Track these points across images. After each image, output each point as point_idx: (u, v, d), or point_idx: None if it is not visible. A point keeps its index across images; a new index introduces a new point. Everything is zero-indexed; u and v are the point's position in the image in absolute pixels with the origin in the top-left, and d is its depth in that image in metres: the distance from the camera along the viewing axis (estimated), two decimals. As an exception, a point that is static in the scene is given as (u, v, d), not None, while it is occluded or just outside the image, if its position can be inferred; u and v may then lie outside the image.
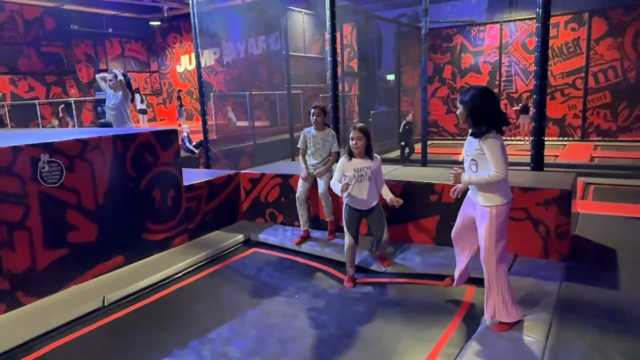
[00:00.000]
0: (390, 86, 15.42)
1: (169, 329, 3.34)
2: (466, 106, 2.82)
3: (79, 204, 3.87)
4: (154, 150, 4.47)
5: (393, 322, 3.30)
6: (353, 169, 3.80)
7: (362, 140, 3.77)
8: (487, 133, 2.75)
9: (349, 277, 3.97)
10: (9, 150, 3.43)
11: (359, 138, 3.77)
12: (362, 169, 3.79)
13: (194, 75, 19.43)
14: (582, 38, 13.25)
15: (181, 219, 4.80)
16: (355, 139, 3.77)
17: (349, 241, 3.90)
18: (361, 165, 3.80)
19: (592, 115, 13.54)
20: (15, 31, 16.39)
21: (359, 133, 3.78)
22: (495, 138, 2.75)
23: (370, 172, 3.83)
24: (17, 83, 16.48)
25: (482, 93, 2.79)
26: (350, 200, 3.89)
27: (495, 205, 2.81)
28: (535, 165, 5.13)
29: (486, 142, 2.75)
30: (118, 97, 6.44)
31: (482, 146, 2.77)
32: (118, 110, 6.46)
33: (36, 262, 3.60)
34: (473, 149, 2.84)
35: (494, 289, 2.87)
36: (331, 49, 6.64)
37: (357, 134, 3.78)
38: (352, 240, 3.90)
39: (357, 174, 3.79)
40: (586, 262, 3.84)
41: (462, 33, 15.03)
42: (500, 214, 2.82)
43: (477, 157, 2.84)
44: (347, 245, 3.92)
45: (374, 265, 4.22)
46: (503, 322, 2.89)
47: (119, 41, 19.48)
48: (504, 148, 2.78)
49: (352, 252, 3.93)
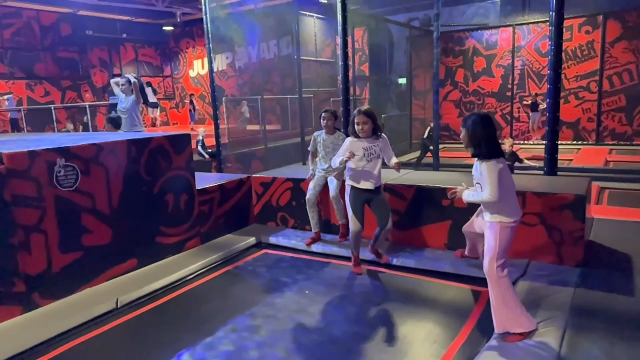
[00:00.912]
0: (401, 90, 15.39)
1: (182, 328, 3.38)
2: (468, 130, 2.95)
3: (94, 208, 3.93)
4: (167, 154, 4.51)
5: (406, 323, 3.30)
6: (362, 147, 3.78)
7: (368, 124, 3.74)
8: (487, 157, 2.87)
9: (355, 260, 3.92)
10: (26, 155, 3.49)
11: (364, 122, 3.73)
12: (370, 147, 3.78)
13: (206, 79, 19.61)
14: (597, 41, 13.10)
15: (194, 222, 4.84)
16: (361, 123, 3.73)
17: (356, 226, 3.84)
18: (369, 144, 3.79)
19: (607, 118, 13.37)
20: (32, 37, 16.71)
21: (364, 117, 3.74)
22: (493, 162, 2.85)
23: (379, 149, 3.82)
24: (33, 88, 16.79)
25: (482, 119, 2.94)
26: (357, 180, 3.82)
27: (499, 222, 2.90)
28: (548, 169, 5.08)
29: (483, 165, 2.88)
30: (129, 101, 6.54)
31: (481, 169, 2.89)
32: (129, 114, 6.55)
33: (52, 264, 3.66)
34: (477, 173, 2.96)
35: (499, 299, 2.88)
36: (342, 53, 6.67)
37: (363, 118, 3.74)
38: (359, 225, 3.84)
39: (366, 152, 3.77)
40: (601, 268, 3.79)
41: (475, 36, 14.96)
42: (502, 230, 2.89)
43: (480, 180, 2.93)
44: (354, 231, 3.84)
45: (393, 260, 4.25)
46: (516, 332, 2.88)
47: (132, 46, 19.75)
48: (502, 172, 2.86)
49: (359, 238, 3.88)
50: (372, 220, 4.18)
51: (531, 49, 14.09)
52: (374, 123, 3.80)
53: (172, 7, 16.93)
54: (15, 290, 3.45)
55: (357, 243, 3.98)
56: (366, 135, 3.78)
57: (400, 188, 4.56)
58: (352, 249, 4.05)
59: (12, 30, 16.14)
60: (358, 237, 3.91)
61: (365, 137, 3.79)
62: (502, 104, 14.74)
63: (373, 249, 4.15)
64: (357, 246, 4.02)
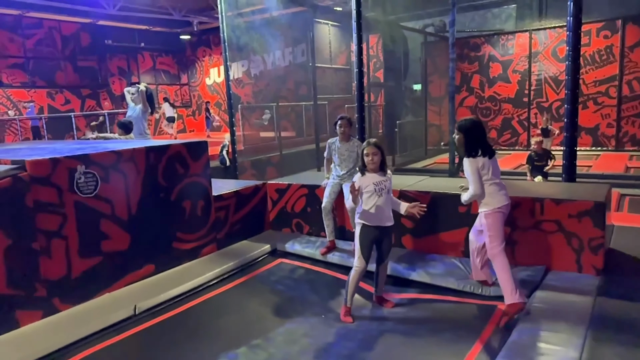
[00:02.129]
0: (416, 96, 15.35)
1: (198, 340, 3.40)
2: (465, 134, 3.53)
3: (113, 214, 3.99)
4: (184, 161, 4.57)
5: (420, 339, 3.27)
6: (372, 183, 3.64)
7: (377, 155, 3.63)
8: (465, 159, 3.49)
9: (347, 311, 3.68)
10: (48, 162, 3.57)
11: (374, 153, 3.63)
12: (381, 182, 3.65)
13: (222, 87, 19.81)
14: (616, 45, 12.90)
15: (210, 228, 4.88)
16: (371, 154, 3.63)
17: (362, 265, 3.64)
18: (379, 179, 3.65)
19: (627, 124, 13.11)
20: (53, 46, 17.10)
21: (374, 148, 3.64)
22: (471, 159, 3.47)
23: (389, 184, 3.71)
24: (54, 96, 17.15)
25: (474, 124, 3.57)
26: (369, 218, 3.66)
27: (491, 210, 3.49)
28: (567, 176, 5.01)
29: (465, 163, 3.50)
30: (136, 110, 6.75)
31: (464, 167, 3.51)
32: (136, 122, 6.74)
33: (71, 269, 3.73)
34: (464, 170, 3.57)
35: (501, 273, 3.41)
36: (357, 60, 6.70)
37: (372, 149, 3.64)
38: (365, 263, 3.65)
39: (377, 187, 3.63)
40: (621, 276, 3.72)
41: (491, 42, 14.86)
42: (493, 216, 3.48)
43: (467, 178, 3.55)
44: (358, 270, 3.65)
45: (409, 274, 4.18)
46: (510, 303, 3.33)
47: (150, 55, 20.06)
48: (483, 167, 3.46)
49: (359, 278, 3.68)
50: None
51: (548, 54, 13.94)
52: (382, 155, 3.68)
53: (189, 16, 17.18)
54: (36, 295, 3.52)
55: (356, 284, 3.71)
56: (375, 167, 3.65)
57: (415, 195, 4.54)
58: (348, 296, 3.70)
59: (34, 40, 16.54)
60: (361, 276, 3.69)
61: (373, 169, 3.66)
62: (518, 110, 14.58)
63: (378, 297, 3.92)
64: (355, 289, 3.72)
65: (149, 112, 6.95)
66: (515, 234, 4.08)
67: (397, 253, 4.53)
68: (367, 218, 3.66)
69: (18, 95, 16.17)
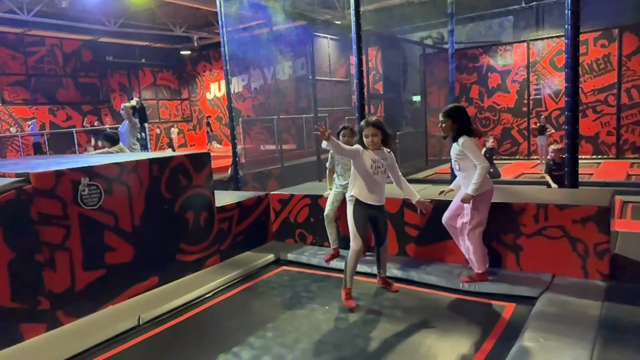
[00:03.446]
0: (416, 107, 15.43)
1: (203, 345, 3.37)
2: (454, 120, 3.76)
3: (117, 226, 3.99)
4: (187, 173, 4.58)
5: (428, 337, 3.25)
6: (371, 159, 3.56)
7: (377, 136, 3.55)
8: (461, 137, 3.69)
9: (348, 293, 3.66)
10: (52, 174, 3.58)
11: (374, 134, 3.53)
12: (379, 160, 3.59)
13: (222, 101, 19.94)
14: (613, 54, 13.01)
15: (213, 239, 4.87)
16: (371, 135, 3.53)
17: (359, 245, 3.57)
18: (377, 157, 3.59)
19: (627, 132, 13.17)
20: (54, 64, 17.27)
21: (374, 129, 3.54)
22: (471, 138, 3.69)
23: (387, 165, 3.66)
24: (55, 113, 17.26)
25: (461, 108, 3.85)
26: (362, 193, 3.60)
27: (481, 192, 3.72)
28: (570, 182, 5.02)
29: (466, 143, 3.67)
30: (125, 125, 6.97)
31: (463, 148, 3.68)
32: (125, 137, 6.90)
33: (75, 282, 3.71)
34: (454, 152, 3.80)
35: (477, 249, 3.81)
36: (357, 71, 6.75)
37: (372, 129, 3.54)
38: (361, 243, 3.58)
39: (374, 165, 3.56)
40: (629, 281, 3.70)
41: (489, 53, 14.99)
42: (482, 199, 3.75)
43: (459, 159, 3.78)
44: (355, 250, 3.57)
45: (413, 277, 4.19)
46: (478, 272, 3.86)
47: (151, 70, 20.25)
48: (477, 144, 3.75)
49: (357, 260, 3.64)
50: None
51: (546, 63, 14.05)
52: (383, 134, 3.60)
53: (190, 32, 17.38)
54: (40, 308, 3.50)
55: (355, 265, 3.68)
56: (375, 147, 3.61)
57: (419, 203, 4.53)
58: (347, 277, 3.67)
59: (35, 57, 16.71)
60: (358, 257, 3.66)
61: (374, 149, 3.62)
62: (518, 119, 14.66)
63: (382, 279, 3.93)
64: (353, 271, 3.70)
65: (137, 127, 7.20)
66: (520, 240, 4.07)
67: (401, 261, 4.52)
68: (360, 191, 3.62)
69: (20, 112, 16.27)
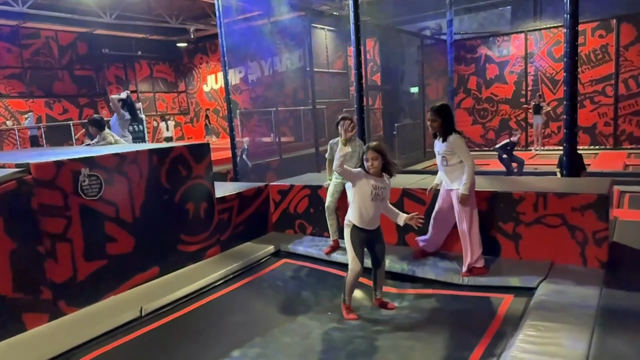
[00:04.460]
0: (414, 99, 15.40)
1: (205, 340, 3.39)
2: (443, 118, 3.93)
3: (117, 217, 3.99)
4: (187, 163, 4.58)
5: (426, 330, 3.29)
6: (372, 185, 3.56)
7: (377, 160, 3.55)
8: (450, 135, 3.87)
9: (347, 308, 3.67)
10: (52, 165, 3.58)
11: (374, 158, 3.54)
12: (379, 187, 3.58)
13: (219, 94, 19.86)
14: (611, 44, 13.01)
15: (213, 230, 4.88)
16: (371, 159, 3.55)
17: (358, 267, 3.58)
18: (378, 184, 3.58)
19: (624, 122, 13.20)
20: (50, 56, 17.12)
21: (374, 153, 3.55)
22: (459, 136, 3.88)
23: (386, 192, 3.64)
24: (52, 106, 17.15)
25: (448, 107, 4.03)
26: (360, 219, 3.61)
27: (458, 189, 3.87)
28: (568, 172, 5.05)
29: (454, 142, 3.86)
30: (113, 118, 7.04)
31: (452, 145, 3.86)
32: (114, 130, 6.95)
33: (77, 272, 3.72)
34: (442, 149, 3.94)
35: (475, 244, 3.92)
36: (356, 62, 6.73)
37: (372, 154, 3.55)
38: (360, 265, 3.59)
39: (374, 192, 3.56)
40: (626, 268, 3.74)
41: (486, 44, 14.96)
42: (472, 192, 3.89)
43: (447, 155, 3.93)
44: (354, 272, 3.59)
45: (413, 271, 4.20)
46: (477, 267, 3.94)
47: (147, 63, 20.10)
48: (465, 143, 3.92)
49: (357, 280, 3.65)
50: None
51: (544, 54, 14.04)
52: (384, 159, 3.57)
53: (186, 23, 17.25)
54: (42, 298, 3.51)
55: (354, 286, 3.70)
56: (375, 172, 3.57)
57: (419, 192, 4.56)
58: (346, 296, 3.70)
59: (31, 50, 16.56)
60: (357, 278, 3.66)
61: (374, 174, 3.57)
62: (516, 111, 14.66)
63: (378, 300, 3.87)
64: (353, 290, 3.72)
65: (125, 119, 7.21)
66: (519, 228, 4.09)
67: (402, 252, 4.54)
68: (357, 216, 3.61)
69: (16, 106, 16.17)
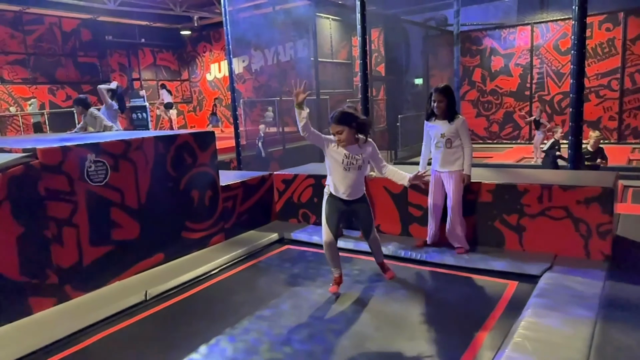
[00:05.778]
0: (418, 90, 15.34)
1: (209, 319, 3.43)
2: (449, 98, 3.98)
3: (123, 203, 4.01)
4: (192, 151, 4.59)
5: (430, 314, 3.31)
6: (343, 154, 3.37)
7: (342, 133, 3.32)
8: (459, 118, 4.02)
9: (335, 280, 3.65)
10: (59, 150, 3.59)
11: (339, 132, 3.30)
12: (352, 156, 3.37)
13: (223, 82, 19.80)
14: (618, 38, 12.91)
15: (218, 218, 4.90)
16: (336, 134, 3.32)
17: (327, 237, 3.51)
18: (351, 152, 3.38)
19: (629, 117, 13.14)
20: (53, 43, 17.07)
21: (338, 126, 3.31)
22: (465, 120, 4.05)
23: (362, 160, 3.42)
24: (55, 92, 17.13)
25: (450, 88, 4.06)
26: (335, 188, 3.48)
27: (459, 169, 4.07)
28: (573, 164, 5.04)
29: (464, 124, 4.01)
30: (102, 109, 7.08)
31: (462, 127, 3.99)
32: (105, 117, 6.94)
33: (83, 257, 3.75)
34: (447, 130, 4.01)
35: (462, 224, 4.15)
36: (362, 51, 6.70)
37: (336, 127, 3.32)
38: (331, 236, 3.51)
39: (347, 160, 3.38)
40: (630, 261, 3.75)
41: (492, 36, 14.86)
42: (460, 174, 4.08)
43: (452, 136, 4.02)
44: (325, 242, 3.54)
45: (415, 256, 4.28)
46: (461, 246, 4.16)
47: (151, 51, 20.02)
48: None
49: (332, 251, 3.57)
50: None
51: (550, 47, 13.94)
52: (354, 127, 3.31)
53: (190, 11, 17.16)
54: (48, 282, 3.54)
55: (331, 256, 3.61)
56: (346, 144, 3.36)
57: (413, 179, 4.55)
58: (331, 267, 3.68)
59: (34, 36, 16.50)
60: (330, 249, 3.56)
61: (345, 146, 3.37)
62: (520, 103, 14.60)
63: (378, 263, 3.92)
64: (334, 260, 3.63)
65: (114, 109, 7.19)
66: (523, 220, 4.10)
67: (406, 242, 4.56)
68: (333, 188, 3.53)
69: (19, 92, 16.16)
